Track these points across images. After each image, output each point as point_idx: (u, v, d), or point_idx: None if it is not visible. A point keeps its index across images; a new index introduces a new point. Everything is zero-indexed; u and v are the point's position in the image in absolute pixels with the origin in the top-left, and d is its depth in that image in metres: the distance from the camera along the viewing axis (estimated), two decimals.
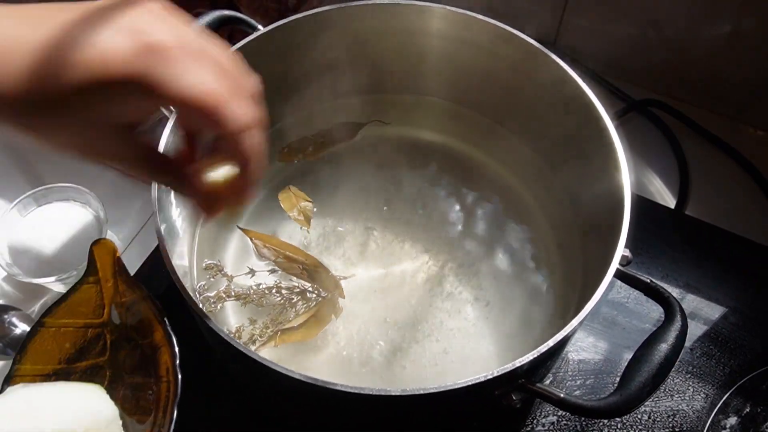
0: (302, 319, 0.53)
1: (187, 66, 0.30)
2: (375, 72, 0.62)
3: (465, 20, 0.56)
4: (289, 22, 0.55)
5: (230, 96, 0.31)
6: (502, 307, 0.57)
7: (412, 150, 0.65)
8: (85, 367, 0.51)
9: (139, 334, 0.50)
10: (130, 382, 0.50)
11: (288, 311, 0.54)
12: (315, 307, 0.55)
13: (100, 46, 0.29)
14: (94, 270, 0.51)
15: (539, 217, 0.62)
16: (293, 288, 0.55)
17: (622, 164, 0.49)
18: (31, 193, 0.63)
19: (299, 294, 0.55)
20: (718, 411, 0.58)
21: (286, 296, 0.55)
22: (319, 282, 0.55)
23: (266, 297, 0.55)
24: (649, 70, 0.79)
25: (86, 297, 0.51)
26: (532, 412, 0.57)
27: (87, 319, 0.51)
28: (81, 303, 0.51)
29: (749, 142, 0.76)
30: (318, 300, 0.55)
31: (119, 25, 0.29)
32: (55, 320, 0.51)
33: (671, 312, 0.44)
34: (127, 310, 0.51)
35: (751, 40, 0.70)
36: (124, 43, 0.29)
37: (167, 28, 0.30)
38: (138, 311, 0.50)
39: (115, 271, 0.51)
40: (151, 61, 0.29)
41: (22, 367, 0.49)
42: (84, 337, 0.51)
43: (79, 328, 0.51)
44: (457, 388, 0.39)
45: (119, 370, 0.51)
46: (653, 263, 0.66)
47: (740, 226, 0.69)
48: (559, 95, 0.54)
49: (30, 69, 0.29)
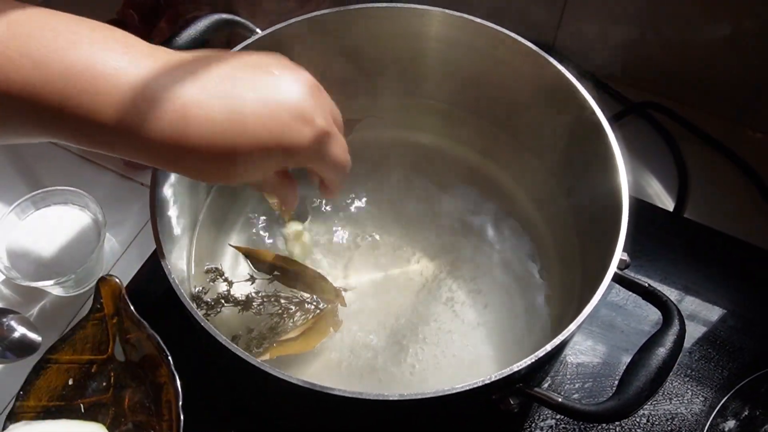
0: (299, 331, 0.52)
1: (335, 142, 0.40)
2: (372, 75, 0.62)
3: (463, 23, 0.56)
4: (287, 26, 0.55)
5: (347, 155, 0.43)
6: (500, 310, 0.57)
7: (409, 153, 0.65)
8: (88, 404, 0.51)
9: (143, 372, 0.51)
10: (133, 420, 0.50)
11: (285, 321, 0.54)
12: (313, 319, 0.54)
13: (287, 138, 0.37)
14: (100, 307, 0.52)
15: (537, 220, 0.62)
16: (291, 298, 0.55)
17: (620, 168, 0.49)
18: (30, 196, 0.63)
19: (297, 304, 0.55)
20: (716, 414, 0.58)
21: (285, 306, 0.54)
22: (318, 292, 0.55)
23: (264, 306, 0.55)
24: (647, 73, 0.78)
25: (91, 333, 0.52)
26: (530, 416, 0.57)
27: (91, 356, 0.52)
28: (86, 339, 0.52)
29: (748, 144, 0.76)
30: (316, 312, 0.55)
31: (297, 113, 0.37)
32: (60, 356, 0.51)
33: (669, 316, 0.44)
34: (132, 346, 0.51)
35: (751, 42, 0.70)
36: (306, 136, 0.37)
37: (323, 112, 0.39)
38: (142, 348, 0.51)
39: (120, 308, 0.52)
40: (320, 145, 0.39)
41: (25, 404, 0.49)
42: (88, 373, 0.52)
43: (83, 365, 0.52)
44: (455, 393, 0.39)
45: (122, 407, 0.51)
46: (652, 266, 0.66)
47: (739, 229, 0.68)
48: (556, 98, 0.54)
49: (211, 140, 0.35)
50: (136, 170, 0.72)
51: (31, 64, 0.31)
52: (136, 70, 0.33)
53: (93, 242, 0.63)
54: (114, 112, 0.32)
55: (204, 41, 0.52)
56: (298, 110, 0.37)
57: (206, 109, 0.34)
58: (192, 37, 0.52)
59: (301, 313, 0.55)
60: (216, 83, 0.35)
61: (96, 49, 0.33)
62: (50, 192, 0.64)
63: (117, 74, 0.33)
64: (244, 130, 0.35)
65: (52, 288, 0.62)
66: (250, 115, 0.35)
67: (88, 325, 0.52)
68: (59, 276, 0.60)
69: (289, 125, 0.37)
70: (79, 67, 0.32)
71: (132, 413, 0.50)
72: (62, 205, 0.65)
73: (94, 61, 0.32)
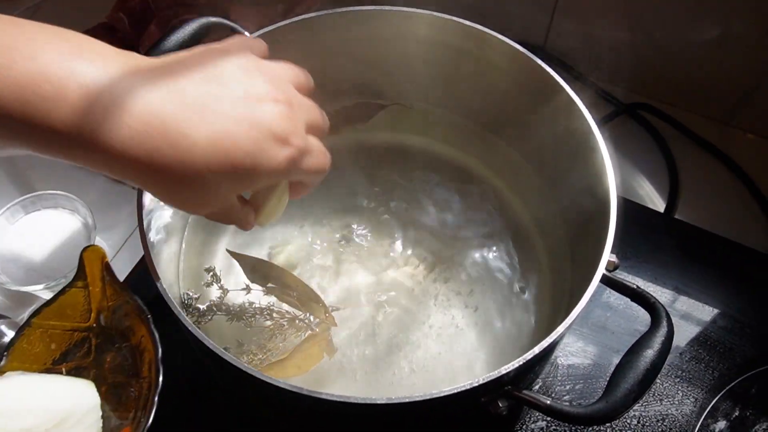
0: (290, 354, 0.52)
1: (311, 155, 0.39)
2: (362, 77, 0.62)
3: (451, 25, 0.56)
4: (276, 29, 0.54)
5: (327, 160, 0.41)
6: (491, 312, 0.57)
7: (400, 156, 0.65)
8: (70, 368, 0.52)
9: (124, 337, 0.51)
10: (113, 381, 0.51)
11: (276, 337, 0.54)
12: (308, 342, 0.53)
13: (261, 160, 0.35)
14: (83, 275, 0.52)
15: (528, 221, 0.62)
16: (284, 314, 0.55)
17: (608, 170, 0.49)
18: (20, 200, 0.63)
19: (289, 321, 0.54)
20: (707, 415, 0.58)
21: (277, 321, 0.54)
22: (309, 309, 0.55)
23: (256, 318, 0.54)
24: (638, 74, 0.79)
25: (74, 301, 0.52)
26: (521, 418, 0.57)
27: (74, 323, 0.52)
28: (68, 306, 0.52)
29: (739, 145, 0.76)
30: (307, 331, 0.54)
31: (271, 134, 0.35)
32: (43, 321, 0.51)
33: (657, 318, 0.44)
34: (113, 313, 0.52)
35: (741, 43, 0.70)
36: (282, 158, 0.36)
37: (297, 130, 0.37)
38: (124, 315, 0.51)
39: (103, 276, 0.52)
40: (294, 164, 0.37)
41: (8, 365, 0.50)
42: (70, 339, 0.52)
43: (66, 331, 0.52)
44: (442, 396, 0.39)
45: (103, 371, 0.52)
46: (642, 267, 0.66)
47: (730, 229, 0.69)
48: (545, 100, 0.54)
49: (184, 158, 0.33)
50: None
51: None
52: (96, 74, 0.31)
53: (83, 246, 0.62)
54: (72, 119, 0.30)
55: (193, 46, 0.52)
56: (273, 131, 0.35)
57: (173, 122, 0.32)
58: (180, 41, 0.52)
59: (293, 330, 0.54)
60: (184, 93, 0.33)
61: (56, 55, 0.31)
62: (40, 196, 0.64)
63: (76, 79, 0.31)
64: (216, 150, 0.33)
65: (42, 292, 0.62)
66: (221, 132, 0.33)
67: (72, 292, 0.52)
68: (49, 280, 0.60)
69: (263, 146, 0.35)
70: (37, 73, 0.30)
71: (112, 375, 0.51)
72: (52, 209, 0.65)
73: (55, 66, 0.31)
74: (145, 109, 0.32)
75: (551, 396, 0.58)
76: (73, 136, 0.31)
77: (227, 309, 0.54)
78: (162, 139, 0.32)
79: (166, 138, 0.32)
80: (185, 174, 0.33)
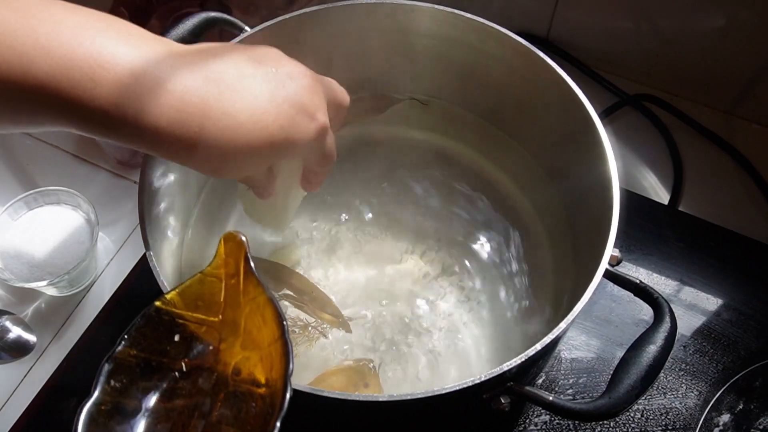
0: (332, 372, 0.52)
1: (331, 135, 0.42)
2: (362, 71, 0.62)
3: (452, 18, 0.55)
4: (276, 23, 0.54)
5: None
6: (494, 307, 0.57)
7: (402, 149, 0.65)
8: (191, 365, 0.45)
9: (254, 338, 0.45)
10: (235, 389, 0.44)
11: None
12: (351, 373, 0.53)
13: (294, 133, 0.38)
14: (220, 264, 0.46)
15: (531, 216, 0.61)
16: (296, 320, 0.54)
17: (611, 164, 0.48)
18: (23, 196, 0.63)
19: (302, 328, 0.54)
20: (711, 408, 0.58)
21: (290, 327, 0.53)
22: (322, 315, 0.54)
23: None
24: (642, 64, 0.78)
25: (206, 291, 0.46)
26: (524, 412, 0.57)
27: (203, 315, 0.46)
28: (198, 296, 0.46)
29: (744, 136, 0.75)
30: (319, 338, 0.54)
31: (301, 108, 0.38)
32: (170, 308, 0.45)
33: (660, 313, 0.44)
34: (246, 312, 0.46)
35: (746, 33, 0.69)
36: (310, 130, 0.39)
37: (323, 107, 0.40)
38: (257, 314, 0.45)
39: (241, 268, 0.47)
40: (323, 137, 0.40)
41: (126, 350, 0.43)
42: (195, 333, 0.46)
43: (193, 323, 0.46)
44: (444, 393, 0.39)
45: (225, 375, 0.45)
46: (646, 260, 0.65)
47: (734, 221, 0.68)
48: (547, 93, 0.54)
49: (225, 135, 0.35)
50: (129, 169, 0.72)
51: (37, 52, 0.31)
52: (137, 57, 0.33)
53: (86, 242, 0.63)
54: (119, 99, 0.33)
55: (193, 40, 0.52)
56: (302, 105, 0.38)
57: (214, 102, 0.34)
58: (180, 36, 0.52)
59: (305, 338, 0.54)
60: (221, 74, 0.36)
61: (96, 37, 0.33)
62: (42, 192, 0.64)
63: (117, 60, 0.33)
64: (255, 126, 0.36)
65: (46, 288, 0.62)
66: (258, 109, 0.36)
67: (205, 281, 0.46)
68: (52, 276, 0.60)
69: (296, 120, 0.37)
70: (82, 54, 0.32)
71: (234, 383, 0.44)
72: (55, 205, 0.65)
73: (96, 48, 0.32)
74: (187, 90, 0.34)
75: (555, 390, 0.58)
76: (120, 116, 0.33)
77: None
78: (204, 117, 0.34)
79: (208, 117, 0.34)
80: (227, 150, 0.35)
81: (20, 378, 0.60)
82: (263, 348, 0.43)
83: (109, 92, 0.32)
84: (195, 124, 0.34)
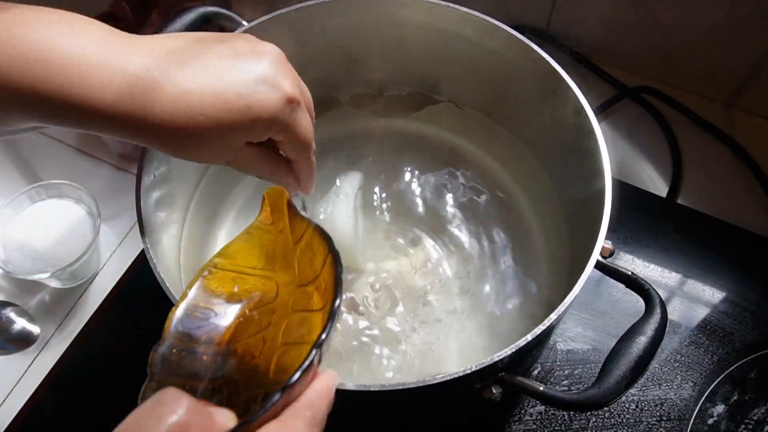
0: None
1: (303, 113, 0.39)
2: (358, 65, 0.62)
3: (448, 12, 0.55)
4: (273, 17, 0.55)
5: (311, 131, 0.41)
6: (489, 297, 0.58)
7: (400, 143, 0.65)
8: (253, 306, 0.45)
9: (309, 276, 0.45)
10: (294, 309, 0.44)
11: None
12: None
13: (255, 102, 0.36)
14: (266, 219, 0.47)
15: (528, 209, 0.62)
16: None
17: (604, 157, 0.48)
18: (26, 190, 0.64)
19: None
20: (705, 399, 0.58)
21: None
22: None
23: None
24: (642, 56, 0.78)
25: (257, 244, 0.47)
26: (519, 403, 0.58)
27: (258, 267, 0.47)
28: (253, 250, 0.47)
29: (743, 128, 0.75)
30: None
31: (262, 78, 0.36)
32: (225, 263, 0.46)
33: (651, 304, 0.45)
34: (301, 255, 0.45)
35: (745, 25, 0.69)
36: (273, 98, 0.37)
37: (291, 81, 0.38)
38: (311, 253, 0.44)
39: (285, 215, 0.47)
40: (289, 110, 0.38)
41: None
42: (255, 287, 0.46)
43: (250, 276, 0.46)
44: (436, 383, 0.40)
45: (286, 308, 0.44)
46: (643, 252, 0.66)
47: (733, 214, 0.68)
48: (543, 86, 0.54)
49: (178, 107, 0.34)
50: (131, 162, 0.73)
51: None
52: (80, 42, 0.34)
53: (88, 235, 0.64)
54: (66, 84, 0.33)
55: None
56: (265, 75, 0.36)
57: (163, 76, 0.34)
58: (181, 29, 0.52)
59: None
60: (173, 52, 0.35)
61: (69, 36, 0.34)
62: (45, 186, 0.65)
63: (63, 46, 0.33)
64: (205, 94, 0.35)
65: (49, 280, 0.63)
66: (214, 79, 0.35)
67: (253, 235, 0.47)
68: (55, 268, 0.61)
69: (257, 88, 0.36)
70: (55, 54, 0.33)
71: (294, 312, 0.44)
72: (57, 198, 0.66)
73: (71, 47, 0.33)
74: (136, 66, 0.34)
75: (550, 381, 0.59)
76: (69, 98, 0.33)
77: None
78: (154, 91, 0.34)
79: (159, 90, 0.34)
80: (180, 123, 0.35)
81: (24, 368, 0.62)
82: (318, 277, 0.43)
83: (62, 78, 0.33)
84: (145, 98, 0.34)
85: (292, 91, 0.38)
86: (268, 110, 0.37)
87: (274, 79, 0.37)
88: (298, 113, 0.39)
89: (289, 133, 0.39)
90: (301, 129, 0.40)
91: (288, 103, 0.37)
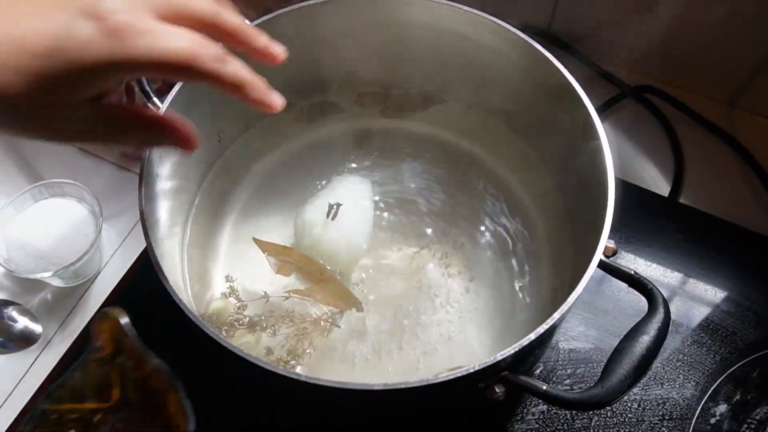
0: None
1: (152, 31, 0.29)
2: (360, 65, 0.62)
3: (449, 11, 0.55)
4: (273, 17, 0.55)
5: (200, 44, 0.30)
6: (492, 297, 0.58)
7: (400, 141, 0.65)
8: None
9: (151, 409, 0.45)
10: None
11: (303, 341, 0.54)
12: None
13: (67, 40, 0.28)
14: (99, 347, 0.46)
15: (530, 207, 0.62)
16: (305, 317, 0.55)
17: (607, 156, 0.48)
18: (28, 189, 0.64)
19: (313, 323, 0.55)
20: (708, 398, 0.58)
21: (298, 324, 0.54)
22: (334, 299, 0.55)
23: (277, 325, 0.54)
24: (644, 56, 0.78)
25: (91, 377, 0.46)
26: (522, 402, 0.58)
27: (94, 404, 0.46)
28: (85, 385, 0.46)
29: (745, 128, 0.75)
30: (332, 330, 0.55)
31: (85, 11, 0.28)
32: (59, 406, 0.46)
33: (654, 303, 0.45)
34: (137, 385, 0.45)
35: (748, 24, 0.69)
36: (91, 35, 0.28)
37: (131, 8, 0.29)
38: (149, 384, 0.45)
39: (121, 344, 0.46)
40: (117, 42, 0.28)
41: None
42: (90, 423, 0.45)
43: (86, 413, 0.46)
44: (439, 382, 0.40)
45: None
46: (645, 251, 0.66)
47: (735, 213, 0.68)
48: (545, 85, 0.54)
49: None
50: (133, 161, 0.73)
51: None
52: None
53: (90, 234, 0.64)
54: None
55: None
56: (81, 7, 0.29)
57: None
58: None
59: (318, 333, 0.54)
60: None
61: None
62: (47, 185, 0.65)
63: None
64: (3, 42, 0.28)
65: (51, 279, 0.63)
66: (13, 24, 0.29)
67: (88, 368, 0.46)
68: (57, 267, 0.61)
69: (70, 27, 0.28)
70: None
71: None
72: (60, 197, 0.66)
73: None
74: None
75: (552, 380, 0.59)
76: None
77: (250, 323, 0.54)
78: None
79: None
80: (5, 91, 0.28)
81: (26, 367, 0.61)
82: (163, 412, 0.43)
83: None
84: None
85: (122, 18, 0.28)
86: (87, 48, 0.28)
87: (93, 7, 0.29)
88: (137, 40, 0.28)
89: (134, 67, 0.29)
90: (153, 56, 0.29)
91: (112, 35, 0.28)
